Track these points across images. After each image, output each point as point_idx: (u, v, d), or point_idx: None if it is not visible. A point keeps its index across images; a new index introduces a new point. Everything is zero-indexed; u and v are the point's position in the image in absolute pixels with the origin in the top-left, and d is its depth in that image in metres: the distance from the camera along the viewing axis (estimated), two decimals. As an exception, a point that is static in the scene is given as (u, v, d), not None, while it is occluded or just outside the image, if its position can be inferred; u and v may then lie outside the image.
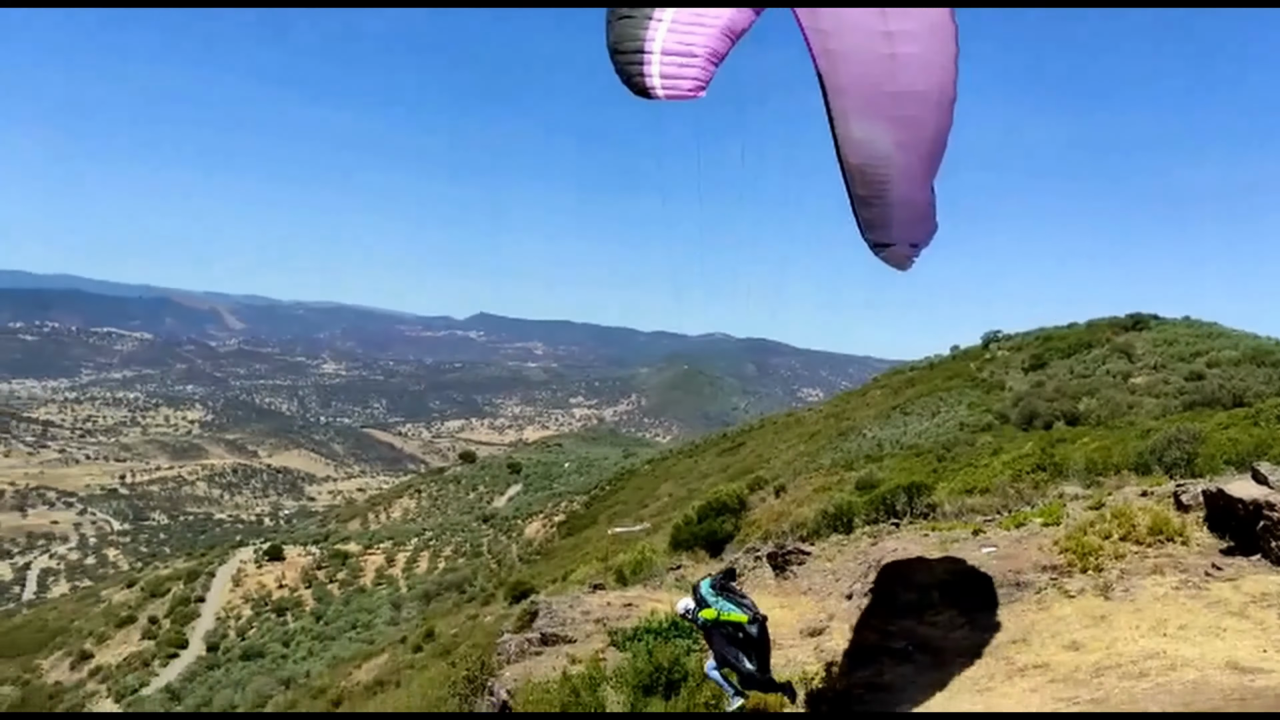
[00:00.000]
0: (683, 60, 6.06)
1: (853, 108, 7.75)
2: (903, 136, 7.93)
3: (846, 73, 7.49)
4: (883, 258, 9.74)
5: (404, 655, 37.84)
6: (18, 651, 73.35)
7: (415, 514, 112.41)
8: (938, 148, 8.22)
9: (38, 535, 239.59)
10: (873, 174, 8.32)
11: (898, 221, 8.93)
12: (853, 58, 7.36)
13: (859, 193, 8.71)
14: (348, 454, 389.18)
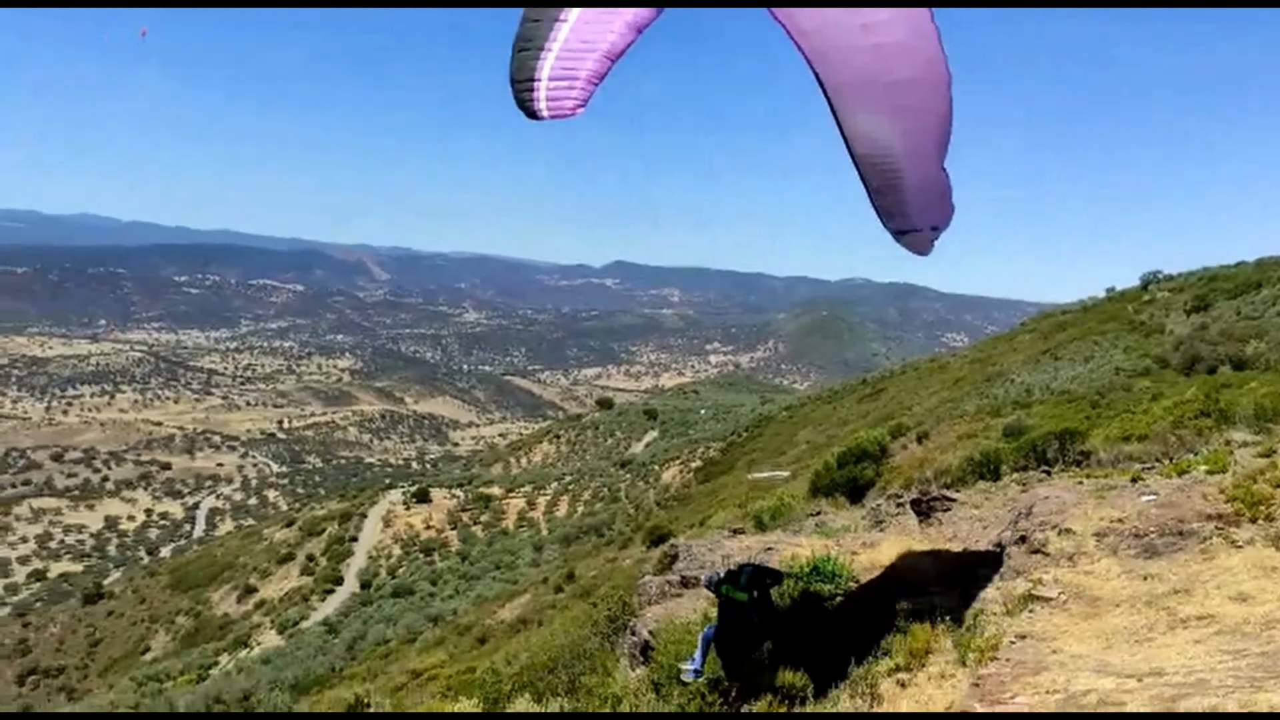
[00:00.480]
0: (566, 84, 7.01)
1: (852, 102, 8.08)
2: (906, 124, 8.17)
3: (838, 69, 7.87)
4: (904, 244, 9.97)
5: (545, 595, 38.70)
6: (190, 585, 78.10)
7: (554, 459, 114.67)
8: (943, 131, 8.37)
9: (205, 476, 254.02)
10: (883, 164, 8.63)
11: (915, 207, 9.14)
12: (840, 54, 7.72)
13: (873, 183, 9.01)
14: (489, 400, 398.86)
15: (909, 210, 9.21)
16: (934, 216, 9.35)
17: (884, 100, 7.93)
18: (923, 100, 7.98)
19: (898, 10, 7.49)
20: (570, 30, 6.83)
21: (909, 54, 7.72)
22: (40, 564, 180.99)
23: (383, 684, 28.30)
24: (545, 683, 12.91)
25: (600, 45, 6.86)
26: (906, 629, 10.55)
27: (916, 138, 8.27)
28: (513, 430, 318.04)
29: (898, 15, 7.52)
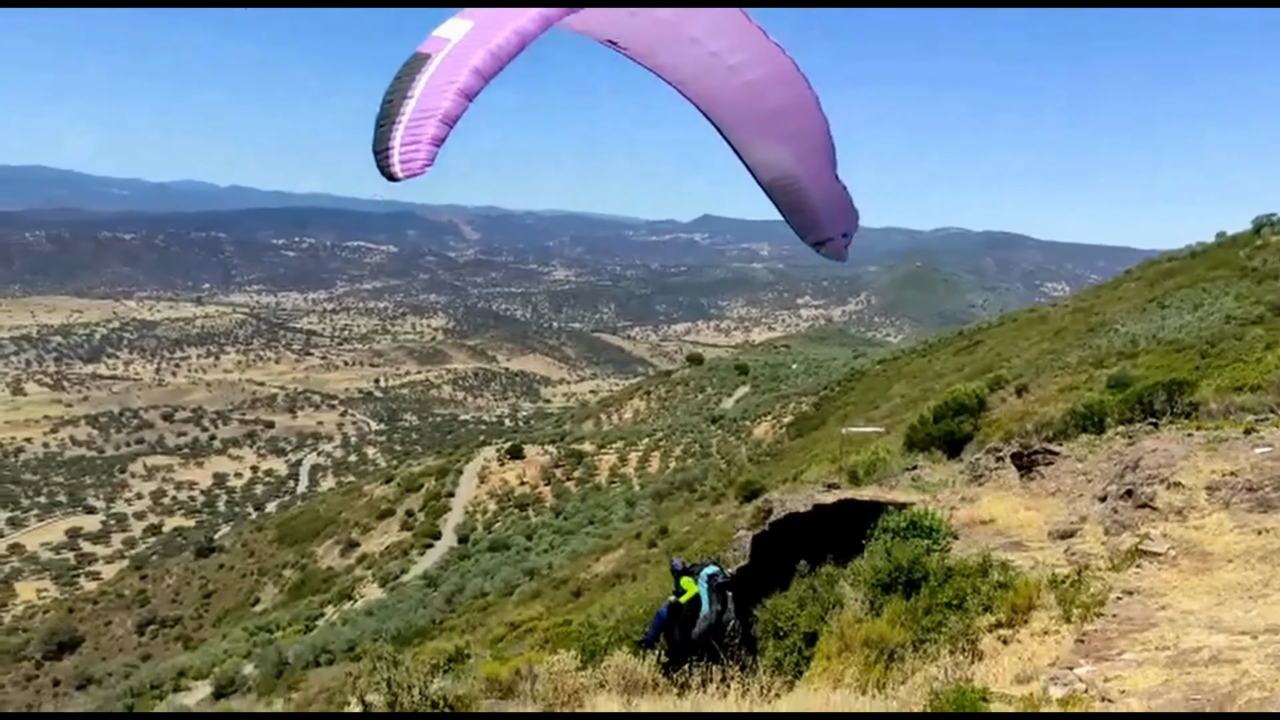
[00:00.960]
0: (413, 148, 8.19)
1: (745, 137, 9.11)
2: (795, 148, 9.11)
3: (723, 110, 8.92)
4: (823, 253, 11.12)
5: (639, 550, 39.03)
6: (296, 539, 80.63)
7: (645, 415, 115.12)
8: (827, 147, 9.31)
9: (306, 434, 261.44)
10: (789, 186, 9.55)
11: (826, 219, 10.10)
12: (719, 96, 8.80)
13: (785, 205, 10.06)
14: (579, 357, 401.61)
15: (821, 223, 10.23)
16: (843, 224, 10.40)
17: (769, 130, 8.92)
18: (800, 124, 8.97)
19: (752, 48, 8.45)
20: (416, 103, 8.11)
21: (774, 86, 8.67)
22: (155, 519, 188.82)
23: (482, 636, 28.93)
24: (641, 636, 13.01)
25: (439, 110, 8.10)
26: (1008, 584, 10.36)
27: (809, 159, 9.22)
28: (603, 387, 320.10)
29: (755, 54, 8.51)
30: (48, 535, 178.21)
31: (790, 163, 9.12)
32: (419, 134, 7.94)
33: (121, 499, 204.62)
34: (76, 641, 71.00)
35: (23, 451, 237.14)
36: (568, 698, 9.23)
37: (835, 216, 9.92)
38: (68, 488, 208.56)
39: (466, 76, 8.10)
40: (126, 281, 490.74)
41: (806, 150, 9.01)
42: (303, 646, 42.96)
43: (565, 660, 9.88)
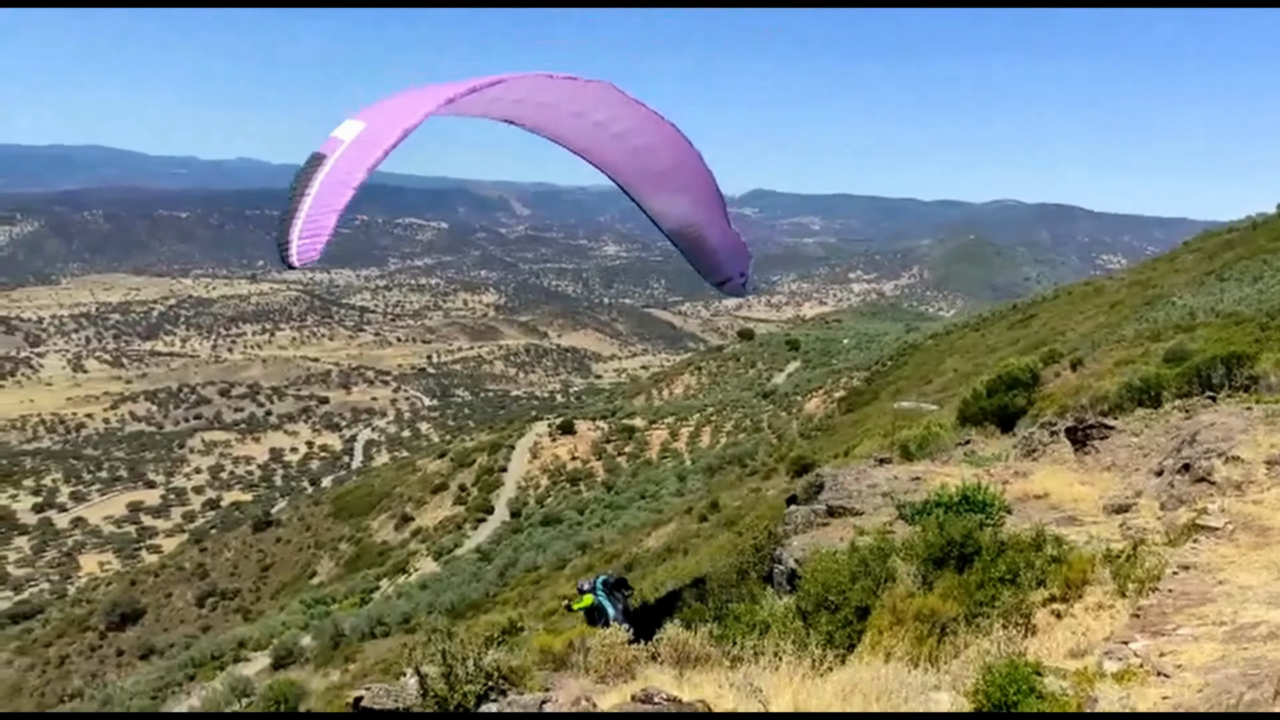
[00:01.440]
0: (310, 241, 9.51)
1: (644, 194, 10.35)
2: (689, 199, 10.38)
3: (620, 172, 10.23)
4: (725, 291, 12.25)
5: (690, 525, 39.17)
6: (351, 513, 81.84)
7: (696, 390, 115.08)
8: (715, 196, 10.62)
9: (360, 410, 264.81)
10: (688, 233, 10.79)
11: (724, 259, 11.21)
12: (612, 161, 10.04)
13: (687, 250, 11.25)
14: (630, 333, 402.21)
15: (721, 263, 11.41)
16: (739, 264, 11.59)
17: (663, 186, 10.14)
18: (689, 180, 10.14)
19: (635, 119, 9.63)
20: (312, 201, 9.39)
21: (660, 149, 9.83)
22: (213, 493, 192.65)
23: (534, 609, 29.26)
24: (693, 609, 13.12)
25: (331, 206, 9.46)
26: (1062, 558, 10.30)
27: (702, 208, 10.46)
28: (654, 362, 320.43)
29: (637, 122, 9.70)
30: (109, 509, 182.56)
31: (688, 212, 10.44)
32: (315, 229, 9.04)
33: (180, 474, 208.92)
34: (139, 613, 72.80)
35: (84, 427, 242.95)
36: (620, 669, 9.34)
37: (732, 256, 11.24)
38: (128, 463, 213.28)
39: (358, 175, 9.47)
40: (183, 259, 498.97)
41: (697, 201, 10.30)
42: (358, 619, 43.68)
43: (617, 632, 10.00)
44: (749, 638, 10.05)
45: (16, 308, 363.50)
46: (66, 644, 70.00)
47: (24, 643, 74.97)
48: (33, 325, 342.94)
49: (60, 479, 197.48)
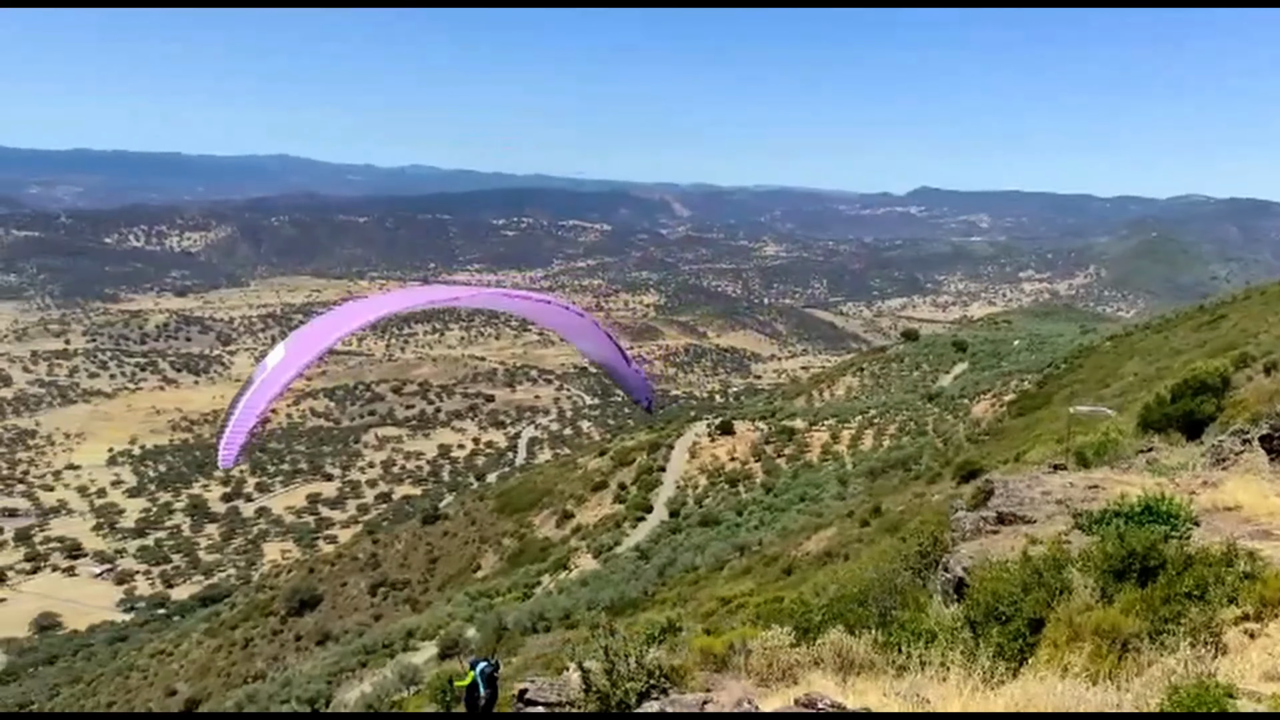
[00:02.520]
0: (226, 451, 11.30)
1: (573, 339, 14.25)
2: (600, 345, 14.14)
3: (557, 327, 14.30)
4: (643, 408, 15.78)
5: (851, 529, 38.48)
6: (515, 509, 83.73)
7: (858, 392, 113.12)
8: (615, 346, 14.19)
9: (524, 408, 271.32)
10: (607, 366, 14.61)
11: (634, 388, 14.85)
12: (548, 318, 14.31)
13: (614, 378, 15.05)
14: (790, 333, 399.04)
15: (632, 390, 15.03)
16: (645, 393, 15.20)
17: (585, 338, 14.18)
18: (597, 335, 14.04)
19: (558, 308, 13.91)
20: (235, 418, 11.44)
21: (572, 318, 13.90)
22: (385, 487, 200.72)
23: (692, 609, 29.26)
24: (856, 615, 12.84)
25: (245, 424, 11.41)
26: (1256, 575, 9.63)
27: (609, 352, 14.21)
28: (814, 363, 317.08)
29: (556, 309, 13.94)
30: (291, 500, 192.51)
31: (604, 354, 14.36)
32: (231, 440, 11.44)
33: (355, 467, 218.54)
34: (316, 600, 76.35)
35: (268, 422, 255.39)
36: (782, 673, 9.22)
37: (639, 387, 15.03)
38: (308, 456, 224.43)
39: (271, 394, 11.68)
40: (360, 262, 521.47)
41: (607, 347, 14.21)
42: (521, 613, 44.64)
43: (779, 635, 9.87)
44: (915, 646, 9.78)
45: (210, 309, 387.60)
46: (251, 627, 74.02)
47: (212, 625, 79.76)
48: (224, 325, 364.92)
49: (247, 471, 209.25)
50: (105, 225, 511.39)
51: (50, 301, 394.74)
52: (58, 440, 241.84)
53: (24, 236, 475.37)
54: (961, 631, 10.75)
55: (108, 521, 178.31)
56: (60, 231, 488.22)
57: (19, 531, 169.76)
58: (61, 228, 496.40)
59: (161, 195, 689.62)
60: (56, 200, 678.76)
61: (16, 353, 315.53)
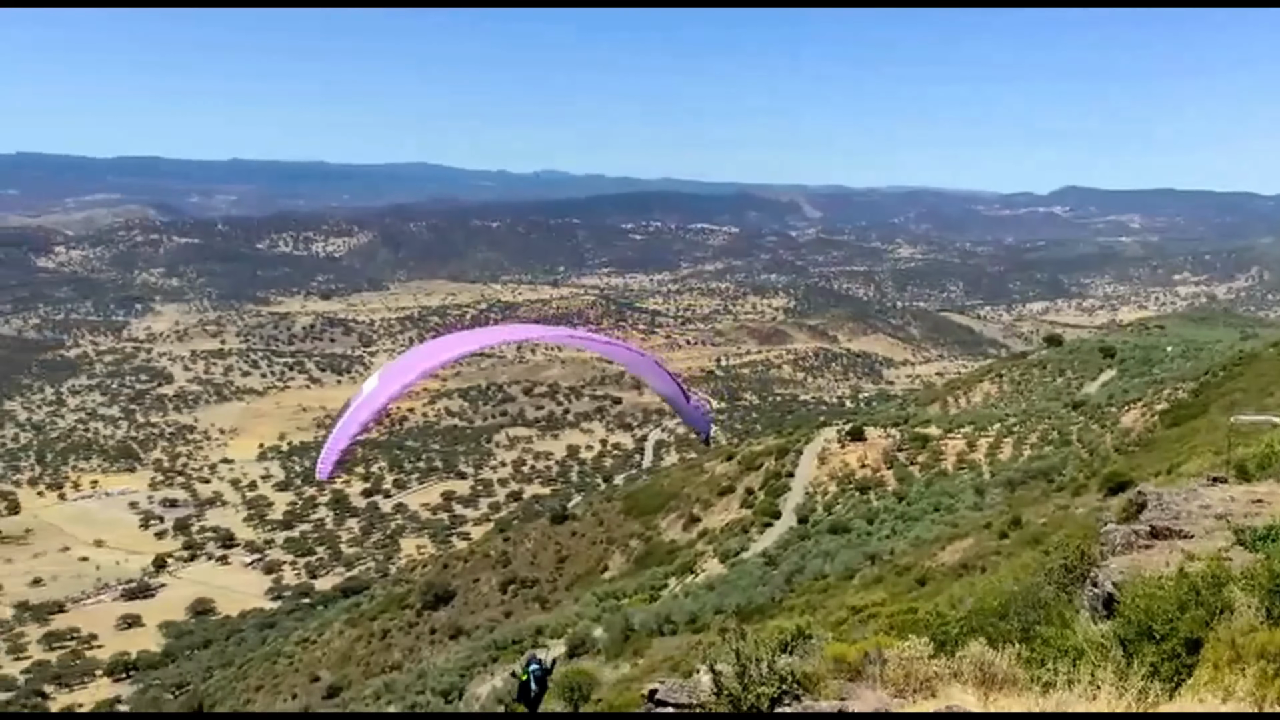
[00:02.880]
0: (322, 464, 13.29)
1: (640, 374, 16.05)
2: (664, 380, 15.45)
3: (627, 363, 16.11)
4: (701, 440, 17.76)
5: (989, 541, 37.30)
6: (641, 511, 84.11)
7: (997, 399, 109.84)
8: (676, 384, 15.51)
9: (651, 411, 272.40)
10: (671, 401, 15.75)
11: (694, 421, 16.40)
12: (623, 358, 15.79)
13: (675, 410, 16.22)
14: (925, 338, 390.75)
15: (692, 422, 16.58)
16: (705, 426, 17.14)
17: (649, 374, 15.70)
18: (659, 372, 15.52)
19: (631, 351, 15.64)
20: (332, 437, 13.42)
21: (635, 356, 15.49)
22: (516, 486, 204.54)
23: (822, 617, 28.75)
24: (996, 629, 12.34)
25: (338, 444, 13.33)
26: None
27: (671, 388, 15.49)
28: (950, 368, 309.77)
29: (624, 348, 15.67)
30: (426, 497, 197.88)
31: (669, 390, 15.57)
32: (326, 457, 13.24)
33: (487, 466, 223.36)
34: (449, 595, 78.17)
35: (406, 420, 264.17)
36: (919, 685, 8.89)
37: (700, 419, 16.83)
38: (443, 455, 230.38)
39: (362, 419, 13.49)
40: (493, 266, 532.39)
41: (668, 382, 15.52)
42: (647, 615, 44.69)
43: (917, 646, 9.54)
44: (1061, 663, 9.32)
45: (352, 311, 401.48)
46: (389, 619, 76.27)
47: (353, 615, 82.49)
48: (365, 327, 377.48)
49: (385, 467, 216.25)
50: (257, 232, 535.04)
51: (208, 304, 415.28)
52: (213, 435, 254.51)
53: (184, 243, 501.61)
54: (1112, 650, 10.21)
55: (258, 513, 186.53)
56: (217, 238, 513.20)
57: (178, 521, 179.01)
58: (218, 234, 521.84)
59: (308, 202, 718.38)
60: (214, 208, 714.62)
61: (178, 352, 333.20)
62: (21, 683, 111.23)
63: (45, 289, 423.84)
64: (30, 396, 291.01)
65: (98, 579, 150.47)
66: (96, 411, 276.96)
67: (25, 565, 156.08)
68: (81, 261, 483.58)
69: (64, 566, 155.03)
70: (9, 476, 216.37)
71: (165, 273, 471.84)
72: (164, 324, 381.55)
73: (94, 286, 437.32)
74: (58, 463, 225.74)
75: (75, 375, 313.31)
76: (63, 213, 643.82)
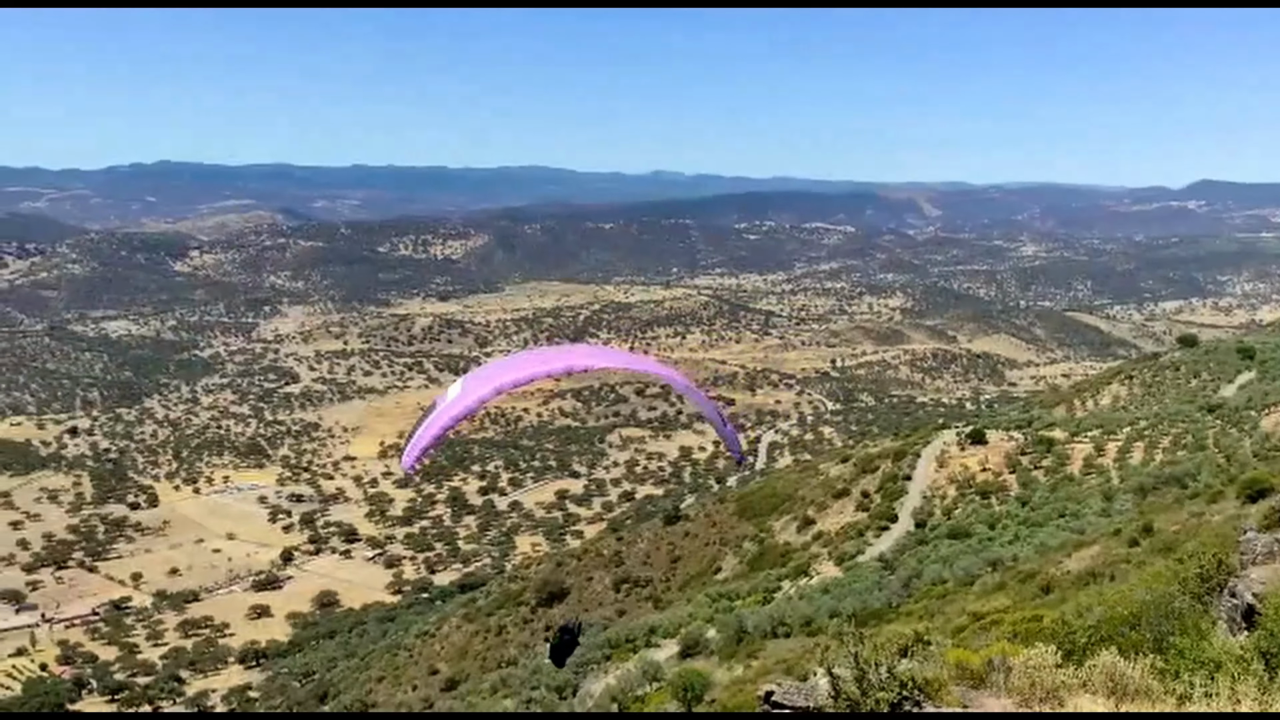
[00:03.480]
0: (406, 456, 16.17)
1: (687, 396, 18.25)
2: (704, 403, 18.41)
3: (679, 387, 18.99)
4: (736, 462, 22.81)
5: (1118, 549, 35.93)
6: (755, 513, 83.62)
7: (1126, 401, 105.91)
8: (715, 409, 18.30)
9: (764, 412, 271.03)
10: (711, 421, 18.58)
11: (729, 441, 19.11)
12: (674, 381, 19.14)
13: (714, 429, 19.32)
14: (1049, 338, 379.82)
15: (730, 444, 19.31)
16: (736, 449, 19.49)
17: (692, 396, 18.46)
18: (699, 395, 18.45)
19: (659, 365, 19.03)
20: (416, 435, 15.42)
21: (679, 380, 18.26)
22: (628, 486, 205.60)
23: (941, 624, 28.14)
24: (1127, 639, 11.88)
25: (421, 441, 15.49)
26: None
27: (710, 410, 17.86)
28: (1077, 369, 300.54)
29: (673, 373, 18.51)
30: (541, 495, 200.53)
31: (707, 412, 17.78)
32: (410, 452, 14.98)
33: (600, 466, 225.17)
34: (563, 592, 79.00)
35: (521, 420, 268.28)
36: (1045, 694, 8.61)
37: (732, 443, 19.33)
38: (557, 454, 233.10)
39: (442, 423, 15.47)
40: (606, 267, 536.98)
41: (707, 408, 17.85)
42: (761, 617, 44.33)
43: (1044, 654, 9.23)
44: (1198, 675, 8.92)
45: (469, 313, 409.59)
46: (504, 615, 77.49)
47: (470, 610, 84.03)
48: (481, 328, 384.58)
49: (501, 466, 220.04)
50: (379, 235, 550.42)
51: (331, 306, 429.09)
52: (337, 433, 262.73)
53: (310, 246, 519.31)
54: (1252, 663, 9.74)
55: (379, 509, 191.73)
56: (341, 242, 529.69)
57: (304, 516, 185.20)
58: (342, 238, 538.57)
59: (427, 206, 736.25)
60: (338, 213, 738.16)
61: (303, 353, 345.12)
62: (160, 667, 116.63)
63: (181, 292, 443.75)
64: (168, 395, 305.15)
65: (229, 570, 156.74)
66: (228, 409, 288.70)
67: (164, 556, 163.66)
68: (214, 265, 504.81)
69: (199, 557, 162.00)
70: (149, 471, 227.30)
71: (291, 276, 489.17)
72: (290, 325, 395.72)
73: (226, 289, 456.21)
74: (193, 458, 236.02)
75: (209, 374, 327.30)
76: (197, 218, 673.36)
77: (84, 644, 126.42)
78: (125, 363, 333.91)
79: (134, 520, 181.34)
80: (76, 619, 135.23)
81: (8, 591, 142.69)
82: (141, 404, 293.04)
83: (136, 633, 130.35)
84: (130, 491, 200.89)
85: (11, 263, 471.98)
